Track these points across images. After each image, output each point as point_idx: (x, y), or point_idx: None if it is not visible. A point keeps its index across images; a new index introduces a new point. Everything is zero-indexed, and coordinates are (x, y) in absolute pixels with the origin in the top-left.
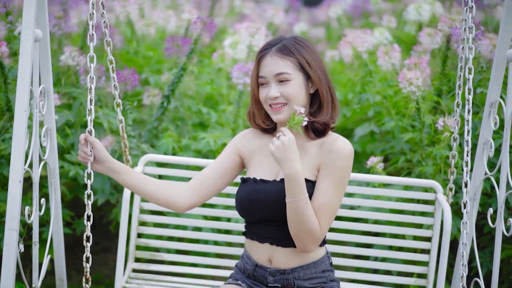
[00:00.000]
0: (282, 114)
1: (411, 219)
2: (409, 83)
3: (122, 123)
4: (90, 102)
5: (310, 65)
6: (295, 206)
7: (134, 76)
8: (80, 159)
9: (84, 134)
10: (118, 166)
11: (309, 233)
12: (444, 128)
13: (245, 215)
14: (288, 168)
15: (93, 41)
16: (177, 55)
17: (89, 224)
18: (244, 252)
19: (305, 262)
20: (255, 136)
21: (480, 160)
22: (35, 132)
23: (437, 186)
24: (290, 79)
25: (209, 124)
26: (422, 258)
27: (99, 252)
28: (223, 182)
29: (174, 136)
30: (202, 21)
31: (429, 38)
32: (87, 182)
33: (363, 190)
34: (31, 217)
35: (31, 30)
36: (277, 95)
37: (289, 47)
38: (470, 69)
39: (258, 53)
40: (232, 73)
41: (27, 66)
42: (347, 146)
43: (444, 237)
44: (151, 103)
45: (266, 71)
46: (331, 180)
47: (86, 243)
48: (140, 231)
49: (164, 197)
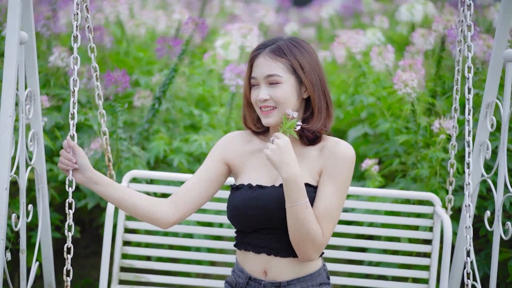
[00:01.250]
0: (271, 118)
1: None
2: (405, 84)
3: (105, 135)
4: (73, 106)
5: (303, 69)
6: (295, 212)
7: (125, 77)
8: (61, 166)
9: (66, 139)
10: (100, 177)
11: (310, 240)
12: (440, 130)
13: (239, 225)
14: (286, 171)
15: (77, 43)
16: (169, 56)
17: (71, 234)
18: (236, 265)
19: (302, 274)
20: (245, 139)
21: (476, 162)
22: (21, 137)
23: (435, 199)
24: (280, 82)
25: (201, 126)
26: (422, 275)
27: (89, 256)
28: (208, 195)
29: (166, 138)
30: (194, 22)
31: (422, 38)
32: (69, 190)
33: (358, 203)
34: (18, 225)
35: (16, 32)
36: (266, 97)
37: (283, 48)
38: (470, 67)
39: (251, 53)
40: (225, 74)
41: (12, 70)
42: (349, 150)
43: (444, 250)
44: (142, 105)
45: (258, 72)
46: (333, 185)
47: (66, 255)
48: (124, 251)
49: (147, 213)
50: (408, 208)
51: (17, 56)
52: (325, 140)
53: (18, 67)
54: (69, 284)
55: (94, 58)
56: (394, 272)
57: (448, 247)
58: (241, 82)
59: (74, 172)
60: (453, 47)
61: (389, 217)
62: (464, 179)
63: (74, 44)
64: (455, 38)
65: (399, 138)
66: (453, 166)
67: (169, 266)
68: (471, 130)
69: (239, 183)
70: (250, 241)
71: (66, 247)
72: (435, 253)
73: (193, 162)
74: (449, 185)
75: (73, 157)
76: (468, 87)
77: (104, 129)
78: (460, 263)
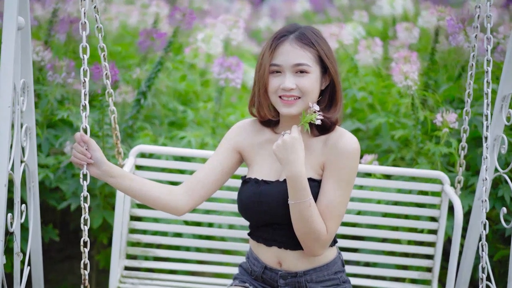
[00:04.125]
0: (293, 108)
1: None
2: (405, 77)
3: (114, 114)
4: (84, 97)
5: (328, 58)
6: (298, 209)
7: (114, 70)
8: (75, 161)
9: (79, 133)
10: (115, 170)
11: (314, 236)
12: (443, 124)
13: (249, 219)
14: (288, 170)
15: (86, 30)
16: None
17: (87, 228)
18: (250, 252)
19: (318, 264)
20: (255, 129)
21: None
22: (16, 132)
23: (444, 177)
24: (309, 72)
25: (185, 123)
26: (427, 251)
27: (63, 260)
28: (221, 183)
29: (151, 135)
30: (181, 12)
31: (406, 32)
32: (84, 183)
33: (364, 181)
34: (13, 225)
35: (14, 16)
36: (293, 86)
37: (309, 37)
38: (489, 61)
39: (274, 39)
40: (213, 68)
41: (11, 57)
42: (354, 143)
43: (455, 233)
44: (123, 100)
45: (283, 59)
46: (337, 180)
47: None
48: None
49: (164, 203)
50: (415, 186)
51: (15, 42)
52: (330, 131)
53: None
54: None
55: (101, 38)
56: (401, 248)
57: (458, 227)
58: (231, 75)
59: (88, 166)
60: (453, 38)
61: (398, 194)
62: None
63: (83, 32)
64: (455, 29)
65: (396, 133)
66: (464, 149)
67: (176, 241)
68: (490, 125)
69: (248, 176)
70: (261, 234)
71: (83, 241)
72: (441, 230)
73: (179, 160)
74: (460, 166)
75: (87, 151)
76: (487, 81)
77: (112, 108)
78: (470, 258)
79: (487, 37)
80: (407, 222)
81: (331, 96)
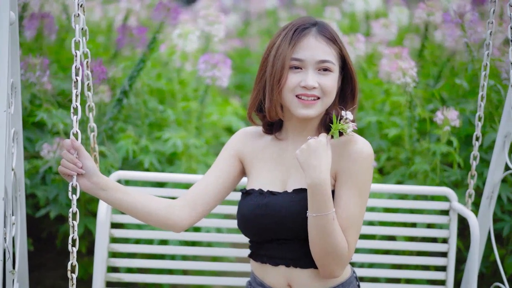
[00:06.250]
0: (313, 109)
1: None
2: (403, 73)
3: (93, 132)
4: (75, 98)
5: (348, 58)
6: (320, 223)
7: (101, 68)
8: (64, 171)
9: (69, 139)
10: (107, 181)
11: (336, 255)
12: (444, 121)
13: (251, 235)
14: (310, 176)
15: (79, 24)
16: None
17: (75, 250)
18: (253, 277)
19: (332, 284)
20: (256, 137)
21: (499, 155)
22: (7, 136)
23: (451, 194)
24: (332, 70)
25: (165, 123)
26: (438, 276)
27: (32, 269)
28: (222, 196)
29: (133, 137)
30: (166, 7)
31: (384, 29)
32: (73, 198)
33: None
34: (7, 241)
35: (6, 10)
36: (315, 85)
37: (332, 32)
38: None
39: (294, 30)
40: (199, 65)
41: (5, 56)
42: (368, 148)
43: (472, 253)
44: (100, 100)
45: (307, 54)
46: (352, 189)
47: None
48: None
49: (162, 220)
50: (420, 205)
51: (9, 39)
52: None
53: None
54: None
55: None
56: (408, 274)
57: (476, 246)
58: (217, 73)
59: (78, 178)
60: (450, 33)
61: (404, 215)
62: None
63: (76, 26)
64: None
65: (389, 132)
66: (476, 158)
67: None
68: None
69: (249, 188)
70: (266, 252)
71: (70, 265)
72: (452, 252)
73: (164, 163)
74: (471, 178)
75: (77, 160)
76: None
77: (92, 125)
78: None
79: (510, 26)
80: (412, 245)
81: (345, 97)
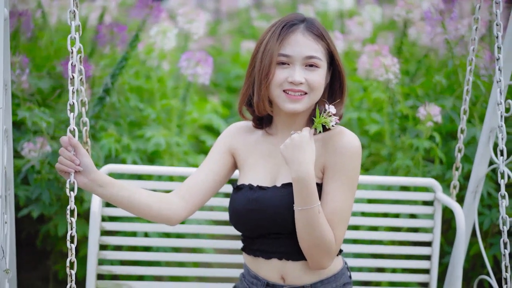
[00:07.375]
0: (299, 104)
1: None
2: (386, 70)
3: (86, 126)
4: (72, 95)
5: (336, 53)
6: (305, 216)
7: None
8: (61, 168)
9: (66, 136)
10: (105, 178)
11: (323, 247)
12: (427, 117)
13: (242, 230)
14: (295, 170)
15: (75, 20)
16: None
17: (74, 246)
18: (246, 270)
19: (325, 275)
20: (247, 131)
21: (484, 150)
22: (2, 133)
23: (436, 185)
24: (319, 66)
25: (145, 122)
26: (423, 265)
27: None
28: (215, 189)
29: (116, 136)
30: (148, 6)
31: (359, 27)
32: (71, 194)
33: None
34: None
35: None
36: (302, 80)
37: (320, 29)
38: (500, 48)
39: (282, 27)
40: (180, 63)
41: (1, 52)
42: (355, 141)
43: (457, 241)
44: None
45: (295, 50)
46: (340, 183)
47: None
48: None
49: (157, 211)
50: (404, 196)
51: (4, 35)
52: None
53: None
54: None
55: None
56: (393, 264)
57: (461, 238)
58: (200, 70)
59: (76, 175)
60: (431, 31)
61: (388, 206)
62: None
63: (72, 22)
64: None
65: (369, 128)
66: (460, 151)
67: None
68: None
69: (240, 183)
70: (258, 247)
71: (69, 262)
72: (436, 241)
73: (145, 161)
74: (456, 170)
75: (75, 157)
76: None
77: (85, 120)
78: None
79: (496, 23)
80: (397, 235)
81: (334, 92)
